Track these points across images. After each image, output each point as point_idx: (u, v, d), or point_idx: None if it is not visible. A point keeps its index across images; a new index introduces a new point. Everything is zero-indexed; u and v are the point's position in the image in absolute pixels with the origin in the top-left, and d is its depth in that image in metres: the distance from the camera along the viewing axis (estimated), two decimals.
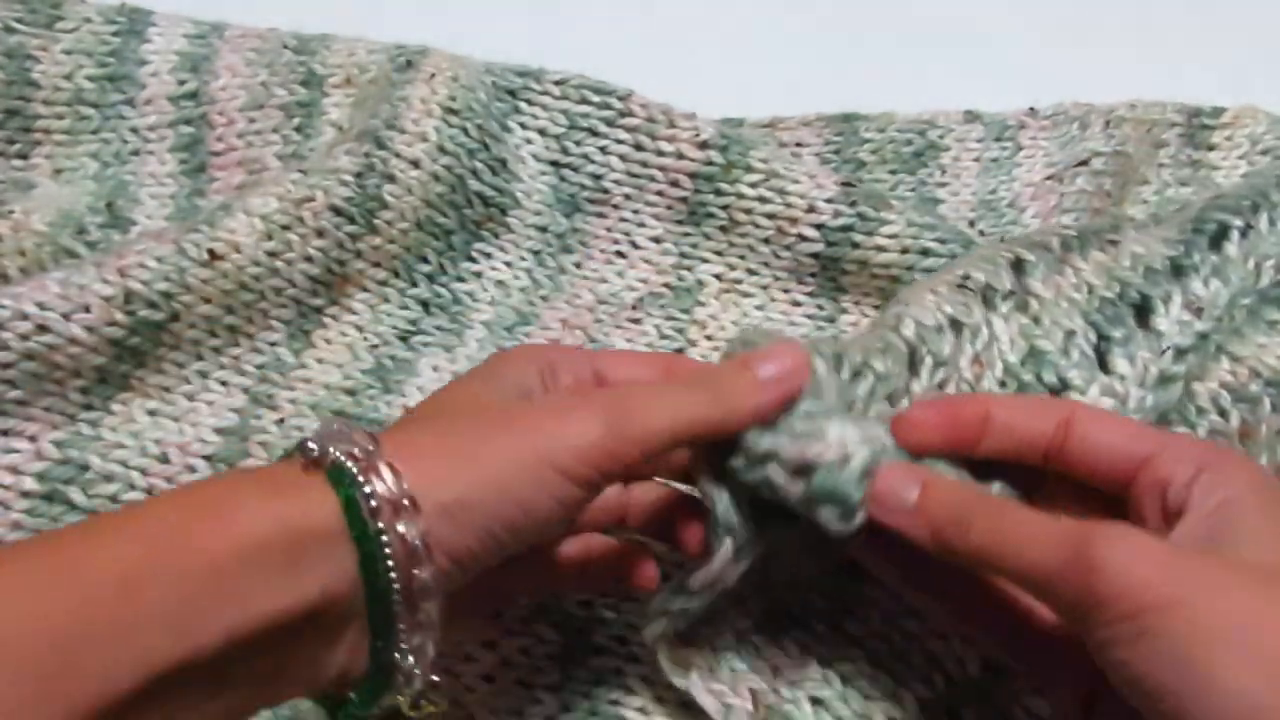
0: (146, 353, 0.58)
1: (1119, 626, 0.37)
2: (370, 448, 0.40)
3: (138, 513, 0.40)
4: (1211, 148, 0.76)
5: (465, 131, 0.66)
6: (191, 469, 0.57)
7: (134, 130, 0.70)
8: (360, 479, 0.39)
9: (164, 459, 0.56)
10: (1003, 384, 0.50)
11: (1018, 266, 0.55)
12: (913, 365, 0.51)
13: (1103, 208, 0.72)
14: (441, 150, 0.65)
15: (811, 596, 0.53)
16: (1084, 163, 0.74)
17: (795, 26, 0.84)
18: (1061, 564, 0.39)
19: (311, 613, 0.38)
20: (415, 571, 0.39)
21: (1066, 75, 0.79)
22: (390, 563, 0.39)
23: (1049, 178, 0.74)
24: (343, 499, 0.39)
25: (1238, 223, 0.56)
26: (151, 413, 0.58)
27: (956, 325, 0.52)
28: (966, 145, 0.76)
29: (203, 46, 0.71)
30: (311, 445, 0.40)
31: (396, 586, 0.39)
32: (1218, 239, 0.56)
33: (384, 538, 0.38)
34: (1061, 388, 0.51)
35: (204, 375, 0.60)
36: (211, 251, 0.59)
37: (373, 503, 0.39)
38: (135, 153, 0.70)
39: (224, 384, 0.60)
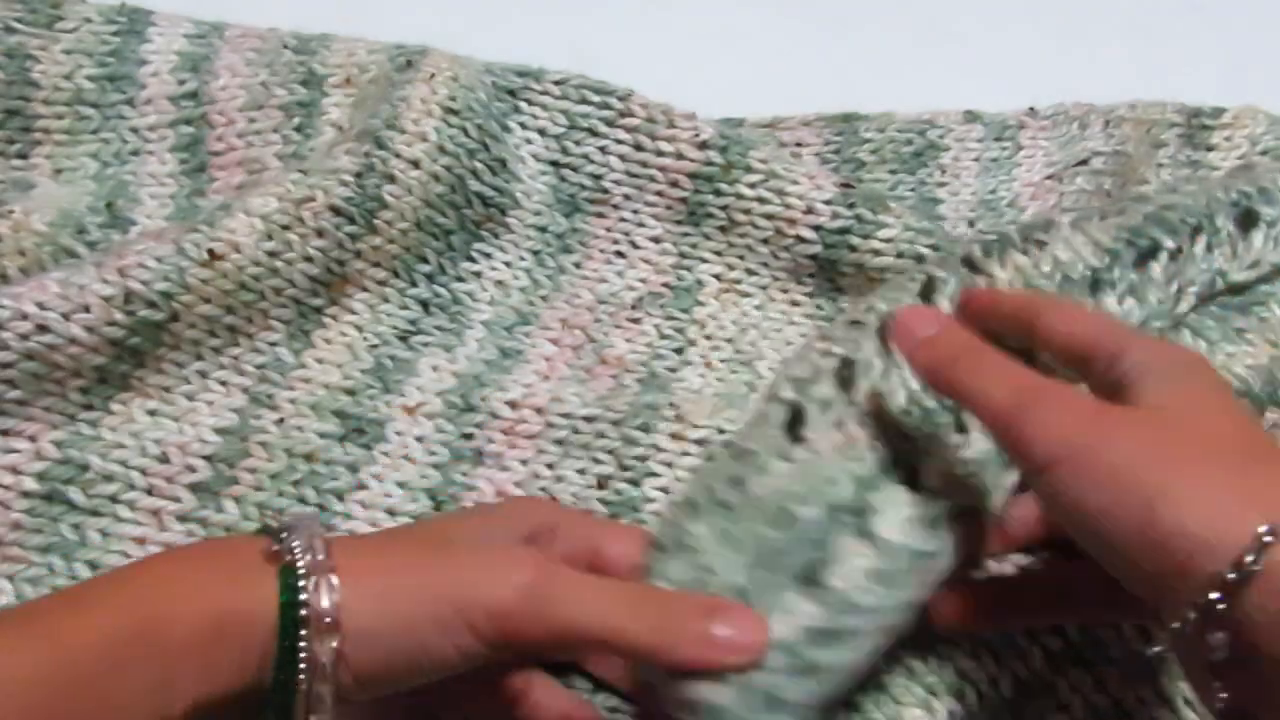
0: (146, 353, 0.58)
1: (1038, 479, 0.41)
2: (320, 556, 0.42)
3: (118, 585, 0.42)
4: (1211, 148, 0.76)
5: (465, 132, 0.66)
6: (191, 469, 0.57)
7: (134, 130, 0.69)
8: (302, 585, 0.41)
9: (164, 459, 0.56)
10: (906, 412, 0.50)
11: (929, 286, 0.54)
12: (795, 423, 0.50)
13: (1102, 207, 0.72)
14: (441, 150, 0.65)
15: None
16: (1084, 162, 0.74)
17: (795, 26, 0.84)
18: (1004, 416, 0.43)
19: (255, 693, 0.41)
20: (317, 685, 0.41)
21: (1066, 75, 0.79)
22: (301, 676, 0.41)
23: (1049, 177, 0.74)
24: (281, 603, 0.41)
25: (1170, 244, 0.55)
26: (151, 413, 0.58)
27: (847, 364, 0.51)
28: (966, 145, 0.76)
29: (203, 46, 0.71)
30: (279, 536, 0.43)
31: (302, 690, 0.41)
32: (1145, 257, 0.55)
33: (301, 651, 0.40)
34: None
35: (204, 375, 0.60)
36: (211, 251, 0.59)
37: (303, 611, 0.41)
38: (135, 153, 0.69)
39: (224, 384, 0.60)
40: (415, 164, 0.64)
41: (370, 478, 0.58)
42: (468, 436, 0.60)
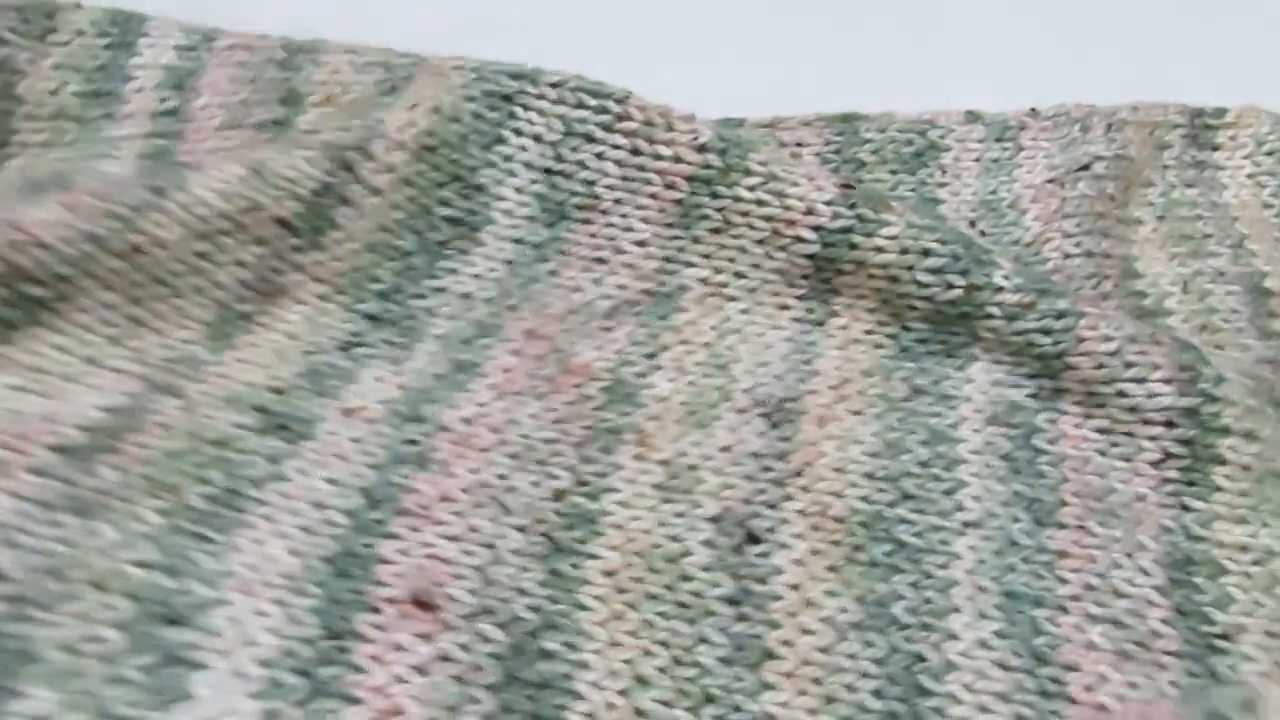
0: (19, 329, 0.55)
1: None
2: None
3: None
4: (1216, 148, 0.74)
5: (437, 168, 0.66)
6: (55, 432, 0.52)
7: (105, 140, 0.70)
8: None
9: (19, 418, 0.52)
10: None
11: None
12: None
13: (1105, 211, 0.71)
14: (407, 183, 0.65)
15: None
16: (1085, 167, 0.72)
17: (795, 26, 0.84)
18: None
19: None
20: None
21: (1067, 75, 0.77)
22: None
23: (1050, 180, 0.73)
24: None
25: None
26: (16, 388, 0.54)
27: None
28: (967, 146, 0.75)
29: (190, 60, 0.72)
30: None
31: None
32: None
33: None
34: None
35: (92, 361, 0.56)
36: (135, 246, 0.57)
37: None
38: (101, 157, 0.69)
39: (118, 371, 0.57)
40: (376, 192, 0.64)
41: (293, 470, 0.54)
42: (412, 443, 0.57)
